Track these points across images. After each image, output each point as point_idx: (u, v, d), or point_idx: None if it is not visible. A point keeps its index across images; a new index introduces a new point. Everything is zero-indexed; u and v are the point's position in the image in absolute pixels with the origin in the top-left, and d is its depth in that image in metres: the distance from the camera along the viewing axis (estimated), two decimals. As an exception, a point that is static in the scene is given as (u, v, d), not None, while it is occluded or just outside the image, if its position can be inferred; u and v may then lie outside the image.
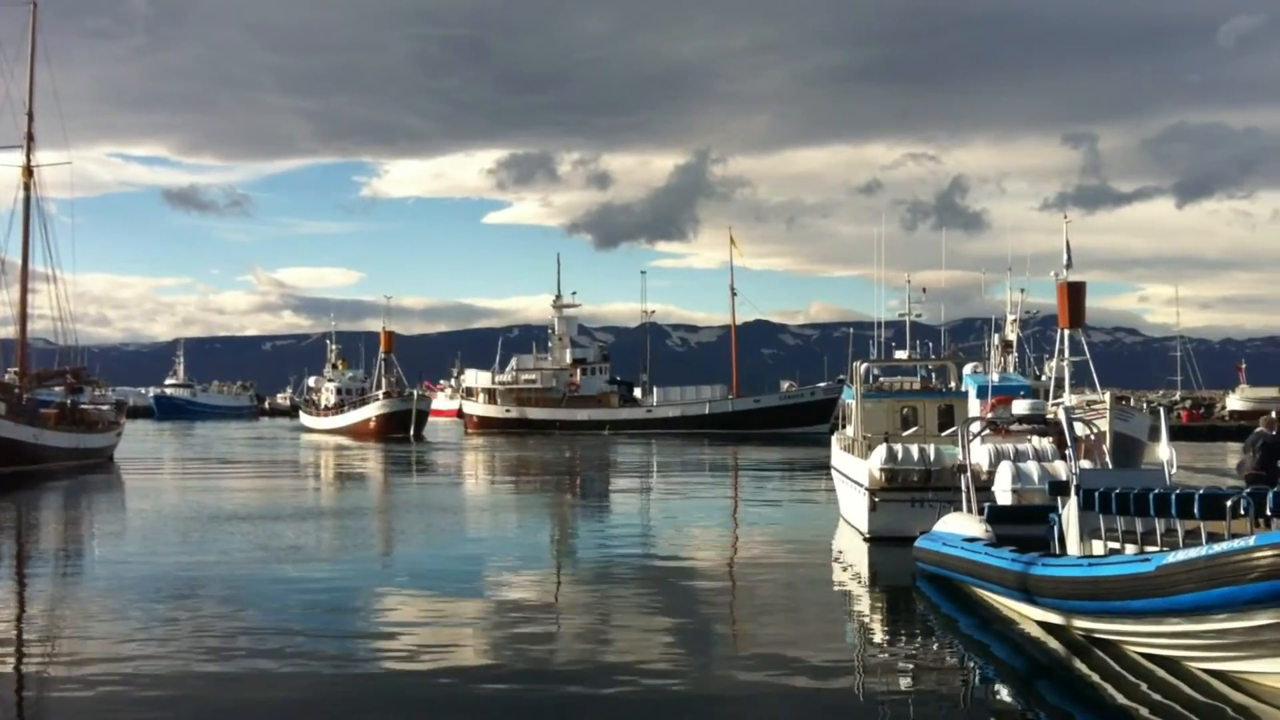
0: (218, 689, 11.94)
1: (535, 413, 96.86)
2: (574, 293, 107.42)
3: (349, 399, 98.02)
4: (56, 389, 57.69)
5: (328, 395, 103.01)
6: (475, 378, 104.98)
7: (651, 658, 13.37)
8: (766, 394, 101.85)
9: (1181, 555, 11.49)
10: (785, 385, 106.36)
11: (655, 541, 24.91)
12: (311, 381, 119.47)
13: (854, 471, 24.95)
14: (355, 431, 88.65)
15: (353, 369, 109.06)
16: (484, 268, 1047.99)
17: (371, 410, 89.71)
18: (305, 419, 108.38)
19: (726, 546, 24.47)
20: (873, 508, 22.94)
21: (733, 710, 11.30)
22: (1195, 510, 12.38)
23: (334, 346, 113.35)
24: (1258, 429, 17.74)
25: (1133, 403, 51.10)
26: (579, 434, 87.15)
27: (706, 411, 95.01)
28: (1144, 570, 11.89)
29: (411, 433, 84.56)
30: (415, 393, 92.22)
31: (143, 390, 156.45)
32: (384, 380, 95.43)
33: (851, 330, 68.14)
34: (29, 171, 53.17)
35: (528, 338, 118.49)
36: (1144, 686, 11.85)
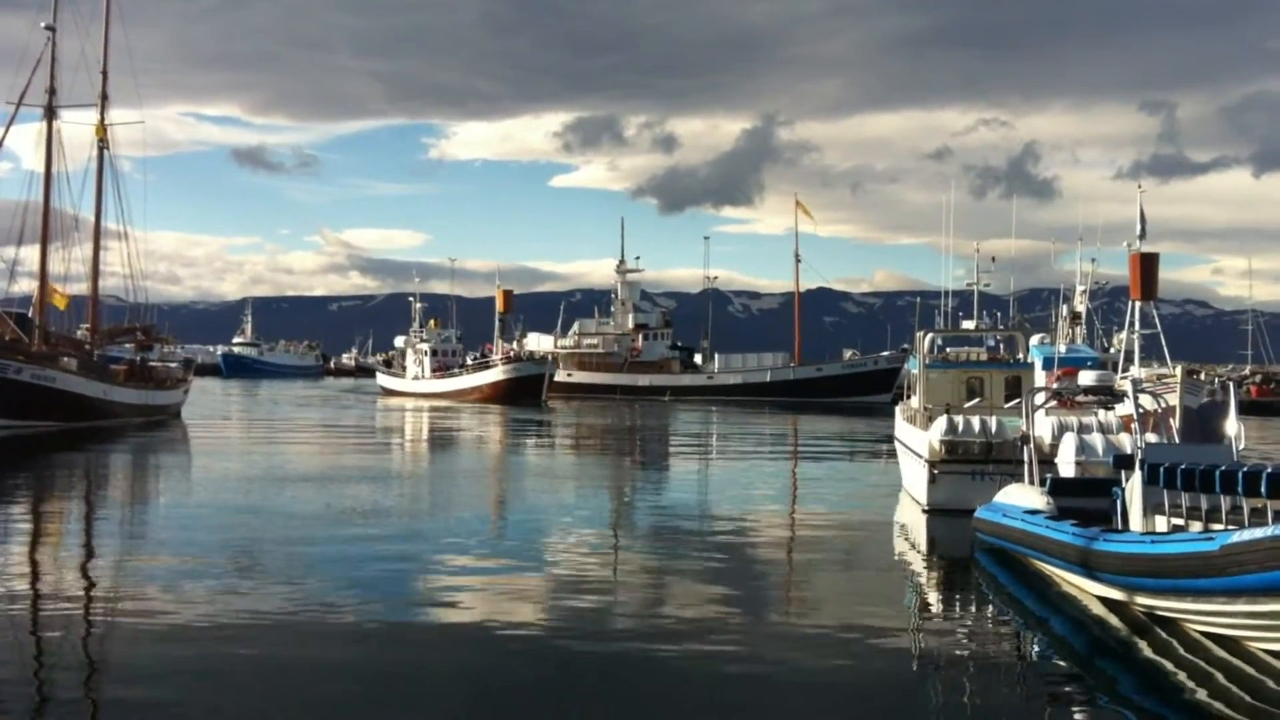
0: (278, 640, 12.14)
1: (596, 377, 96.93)
2: (638, 257, 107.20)
3: (449, 360, 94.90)
4: (126, 346, 58.71)
5: (420, 356, 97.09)
6: (537, 341, 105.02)
7: (707, 620, 13.42)
8: (829, 362, 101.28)
9: (1246, 535, 11.28)
10: (848, 354, 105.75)
11: (715, 508, 24.93)
12: (399, 342, 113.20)
13: (915, 443, 24.75)
14: (470, 396, 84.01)
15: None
16: (549, 231, 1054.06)
17: (495, 374, 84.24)
18: (387, 380, 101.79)
19: (785, 515, 24.40)
20: (932, 480, 22.74)
21: (786, 674, 11.27)
22: (1262, 488, 12.14)
23: (418, 306, 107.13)
24: (1207, 399, 18.28)
25: (1203, 376, 50.28)
26: (639, 399, 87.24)
27: (768, 379, 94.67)
28: (1208, 549, 11.69)
29: (543, 398, 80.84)
30: (549, 355, 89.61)
31: (211, 348, 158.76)
32: (500, 343, 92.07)
33: (918, 300, 67.48)
34: (103, 130, 53.86)
35: (590, 302, 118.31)
36: (1204, 666, 11.69)
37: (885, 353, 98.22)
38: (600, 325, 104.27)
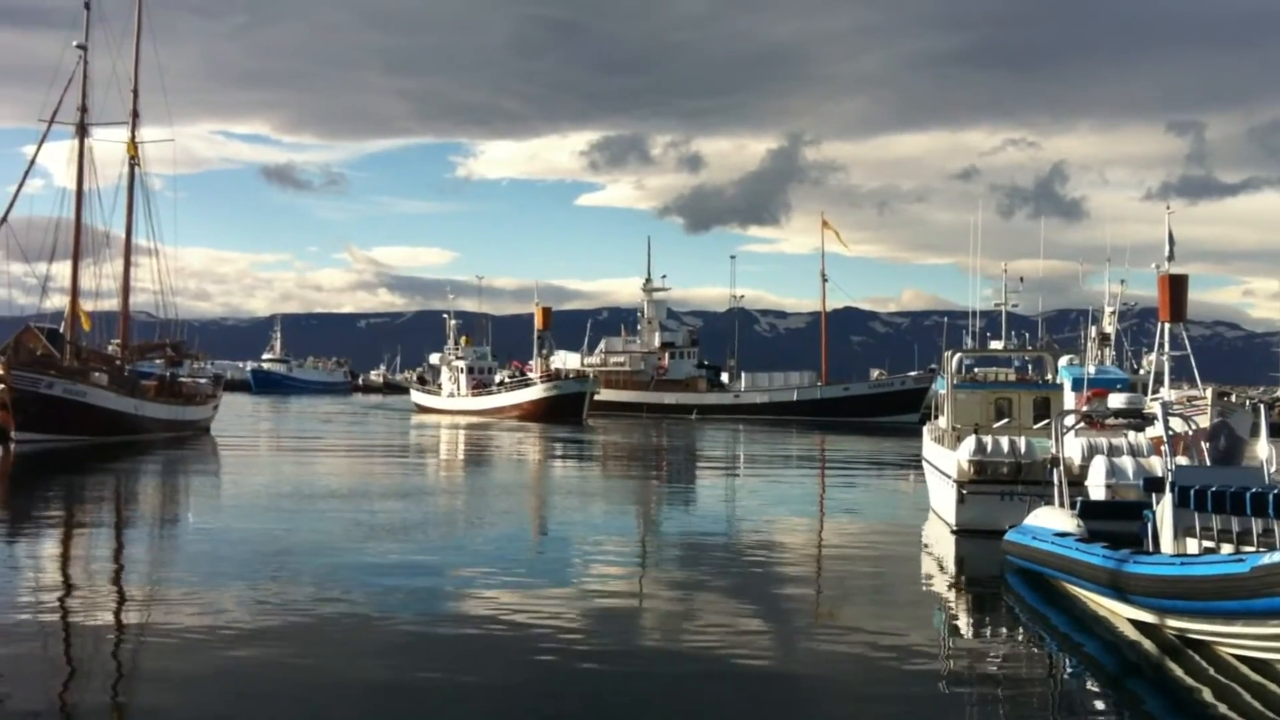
0: (306, 657, 12.21)
1: (623, 395, 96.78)
2: (664, 276, 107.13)
3: (485, 377, 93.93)
4: (156, 361, 59.11)
5: (455, 373, 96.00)
6: (564, 359, 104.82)
7: (734, 640, 13.40)
8: (856, 382, 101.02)
9: (1278, 556, 11.21)
10: (875, 374, 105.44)
11: (743, 528, 24.89)
12: (434, 359, 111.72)
13: (943, 463, 24.68)
14: (508, 413, 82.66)
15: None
16: (575, 249, 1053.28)
17: (536, 391, 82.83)
18: (421, 398, 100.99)
19: (813, 535, 24.38)
20: (960, 500, 22.66)
21: (815, 697, 11.27)
22: (1294, 511, 12.07)
23: (453, 323, 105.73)
24: (1217, 420, 17.94)
25: (1234, 399, 49.94)
26: (665, 417, 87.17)
27: (794, 398, 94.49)
28: (1239, 571, 11.62)
29: (584, 416, 79.30)
30: (590, 373, 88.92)
31: (240, 364, 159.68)
32: (539, 360, 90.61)
33: (945, 319, 67.22)
34: (134, 147, 54.35)
35: (616, 320, 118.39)
36: (1237, 689, 11.61)
37: (913, 373, 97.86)
38: (627, 343, 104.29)
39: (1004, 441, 23.08)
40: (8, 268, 49.76)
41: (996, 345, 43.42)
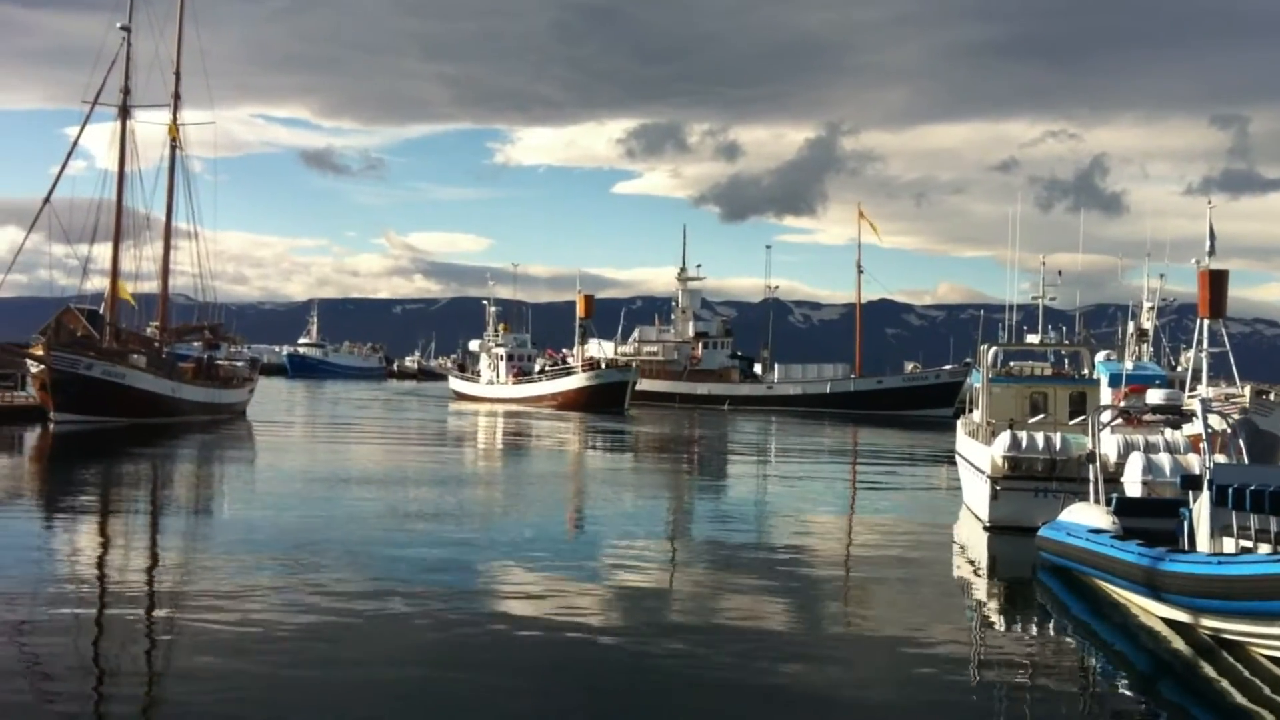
0: (337, 645, 12.27)
1: (656, 385, 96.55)
2: (699, 265, 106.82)
3: (524, 365, 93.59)
4: (194, 344, 59.59)
5: (495, 360, 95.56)
6: (599, 348, 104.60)
7: (764, 635, 13.39)
8: (890, 375, 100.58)
9: (1318, 558, 11.10)
10: (909, 367, 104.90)
11: (774, 522, 24.86)
12: (473, 345, 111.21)
13: (977, 458, 24.53)
14: (548, 402, 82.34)
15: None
16: (610, 238, 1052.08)
17: (578, 380, 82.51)
18: (460, 385, 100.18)
19: (844, 530, 24.31)
20: (994, 496, 22.51)
21: (844, 692, 11.24)
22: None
23: (492, 310, 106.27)
24: (1239, 417, 17.65)
25: (1274, 397, 49.37)
26: (698, 408, 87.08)
27: (828, 390, 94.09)
28: (1276, 571, 11.51)
29: (626, 406, 78.86)
30: (631, 363, 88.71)
31: (276, 348, 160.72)
32: (581, 348, 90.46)
33: (981, 312, 66.67)
34: (175, 130, 54.74)
35: (650, 309, 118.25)
36: (1271, 692, 11.50)
37: (947, 366, 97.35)
38: (660, 333, 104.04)
39: (1039, 437, 22.90)
40: (50, 249, 50.50)
41: (1033, 339, 43.11)
